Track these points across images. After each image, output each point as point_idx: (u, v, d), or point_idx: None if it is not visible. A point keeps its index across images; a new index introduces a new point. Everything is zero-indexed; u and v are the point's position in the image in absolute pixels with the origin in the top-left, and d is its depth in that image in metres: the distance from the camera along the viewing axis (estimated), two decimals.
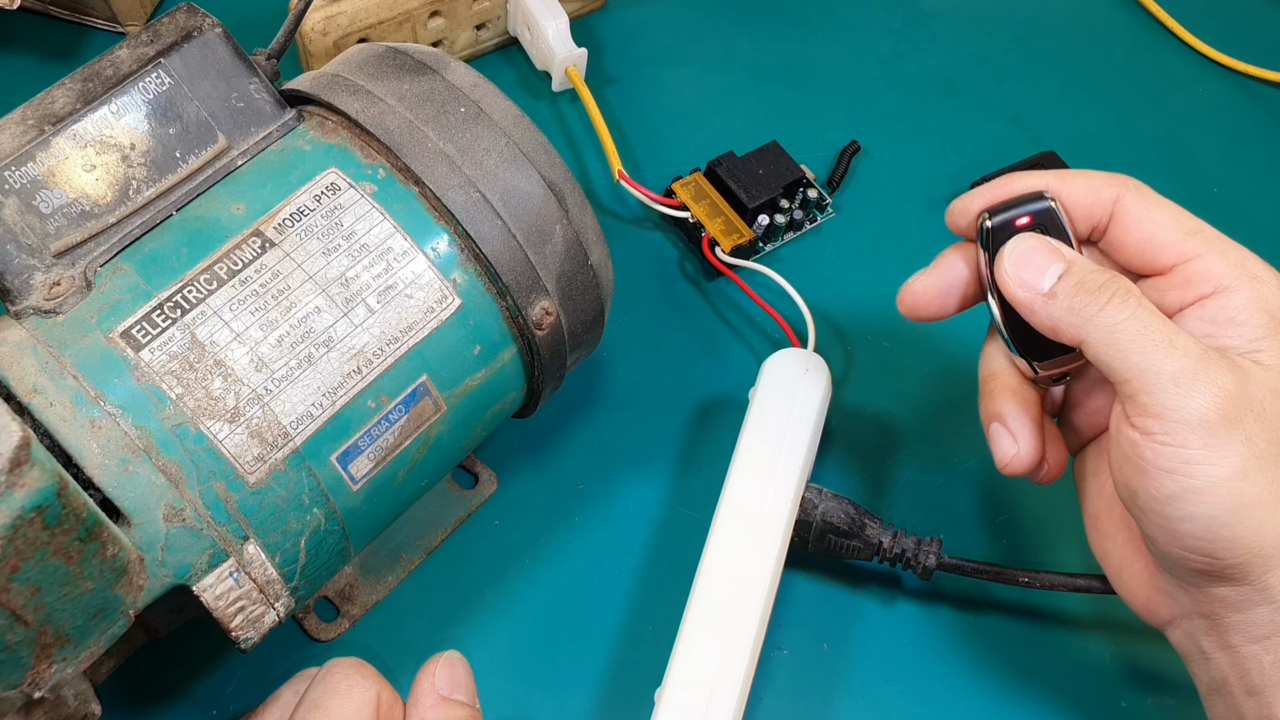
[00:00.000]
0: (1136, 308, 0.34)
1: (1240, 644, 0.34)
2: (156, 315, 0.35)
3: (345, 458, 0.36)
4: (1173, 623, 0.37)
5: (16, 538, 0.27)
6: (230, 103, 0.38)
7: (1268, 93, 0.64)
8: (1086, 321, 0.35)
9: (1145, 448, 0.33)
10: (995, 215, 0.38)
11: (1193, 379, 0.33)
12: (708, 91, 0.60)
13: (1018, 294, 0.36)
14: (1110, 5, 0.67)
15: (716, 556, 0.42)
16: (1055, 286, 0.36)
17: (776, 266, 0.52)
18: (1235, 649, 0.35)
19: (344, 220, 0.37)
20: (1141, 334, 0.34)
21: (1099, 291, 0.35)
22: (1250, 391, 0.33)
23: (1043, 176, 0.38)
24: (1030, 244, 0.37)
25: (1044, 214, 0.38)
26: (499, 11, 0.58)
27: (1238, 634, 0.34)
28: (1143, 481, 0.34)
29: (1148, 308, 0.34)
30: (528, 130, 0.40)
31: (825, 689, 0.44)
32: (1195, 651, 0.37)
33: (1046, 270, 0.36)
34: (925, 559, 0.44)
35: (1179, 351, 0.33)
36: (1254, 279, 0.35)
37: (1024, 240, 0.37)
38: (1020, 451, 0.38)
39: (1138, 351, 0.33)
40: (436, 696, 0.34)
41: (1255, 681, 0.34)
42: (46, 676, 0.30)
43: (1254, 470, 0.32)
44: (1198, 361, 0.33)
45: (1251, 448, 0.32)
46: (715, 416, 0.50)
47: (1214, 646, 0.35)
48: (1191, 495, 0.33)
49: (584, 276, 0.41)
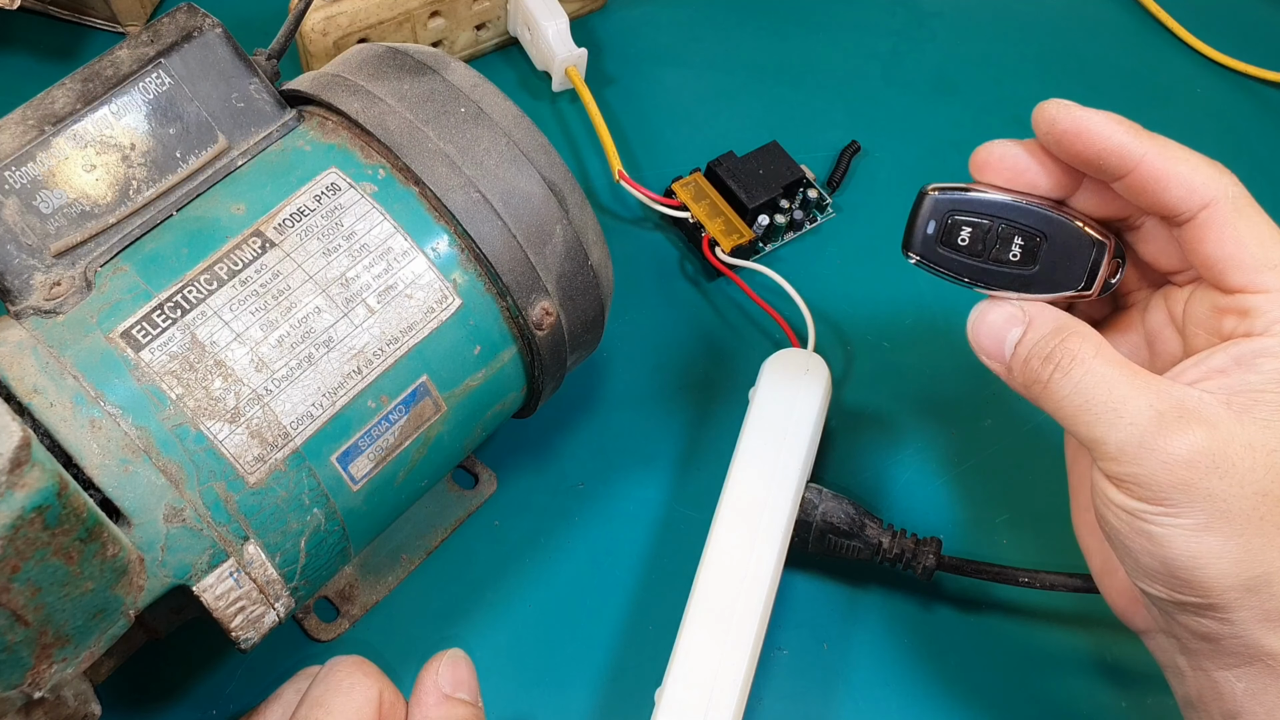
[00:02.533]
0: (1081, 378, 0.33)
1: (1212, 669, 0.34)
2: (157, 315, 0.35)
3: (345, 458, 0.36)
4: (1148, 634, 0.37)
5: (17, 538, 0.27)
6: (230, 103, 0.38)
7: (1268, 93, 0.64)
8: (1039, 398, 0.34)
9: (1108, 487, 0.33)
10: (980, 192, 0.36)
11: (1138, 448, 0.32)
12: (708, 91, 0.60)
13: (988, 364, 0.36)
14: (1110, 5, 0.67)
15: (716, 556, 0.42)
16: (1010, 359, 0.35)
17: (776, 266, 0.52)
18: (1207, 672, 0.34)
19: (344, 220, 0.37)
20: (1085, 407, 0.33)
21: (1044, 364, 0.34)
22: (1216, 448, 0.32)
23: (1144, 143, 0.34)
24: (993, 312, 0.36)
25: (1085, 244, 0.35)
26: (499, 11, 0.58)
27: (1208, 659, 0.34)
28: (1107, 513, 0.33)
29: (1096, 374, 0.33)
30: (528, 130, 0.40)
31: (825, 689, 0.44)
32: (1171, 666, 0.36)
33: (1005, 338, 0.35)
34: (925, 559, 0.44)
35: (1125, 421, 0.32)
36: None
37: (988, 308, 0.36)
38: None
39: (1084, 425, 0.33)
40: (439, 695, 0.34)
41: (1229, 706, 0.34)
42: (46, 676, 0.30)
43: (1217, 524, 0.32)
44: (1146, 430, 0.32)
45: (1214, 504, 0.31)
46: (715, 416, 0.50)
47: (1187, 666, 0.35)
48: (1148, 538, 0.32)
49: (584, 276, 0.41)
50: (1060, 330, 0.35)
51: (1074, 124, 0.35)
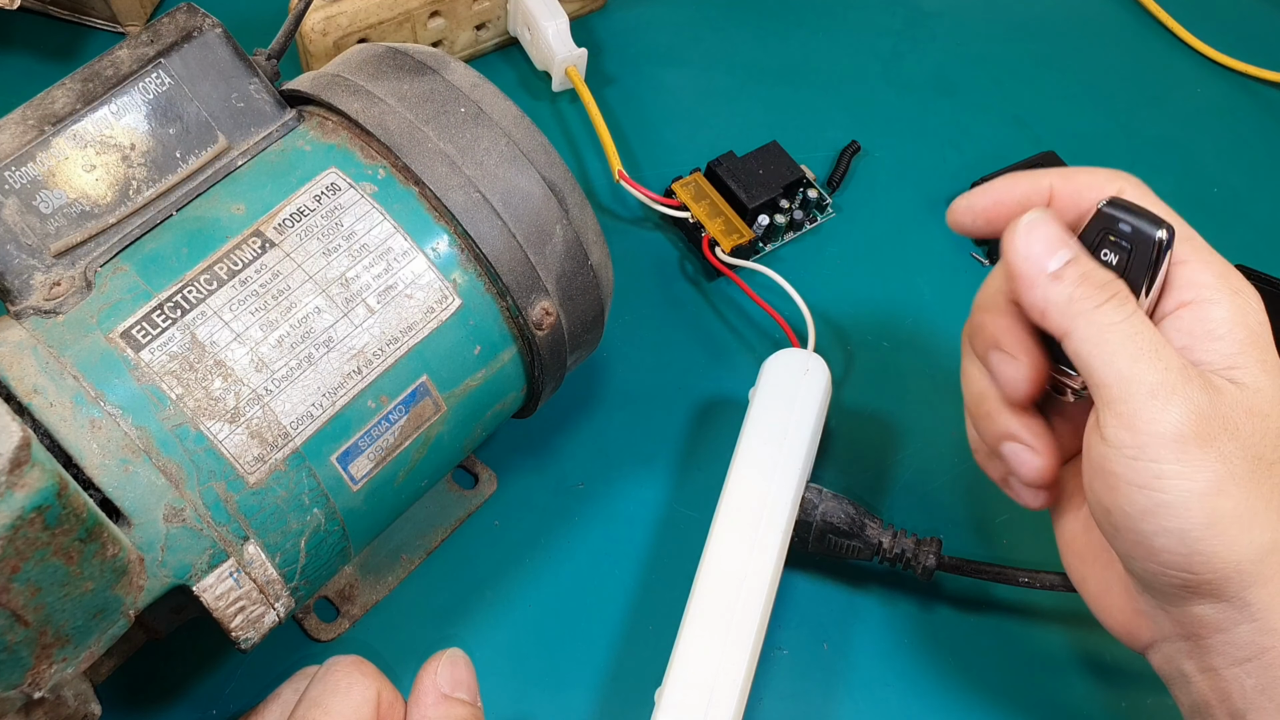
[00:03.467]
0: (1131, 313, 0.34)
1: (1222, 666, 0.34)
2: (156, 315, 0.35)
3: (345, 458, 0.36)
4: (1153, 646, 0.37)
5: (17, 538, 0.27)
6: (230, 103, 0.38)
7: (1268, 93, 0.64)
8: (1080, 315, 0.34)
9: (1117, 462, 0.33)
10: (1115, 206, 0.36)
11: (1170, 393, 0.32)
12: (708, 91, 0.60)
13: (1021, 266, 0.35)
14: (1110, 5, 0.67)
15: (716, 556, 0.42)
16: (1062, 270, 0.35)
17: (776, 266, 0.52)
18: (1217, 671, 0.34)
19: (344, 220, 0.37)
20: (1130, 340, 0.33)
21: (1102, 288, 0.34)
22: (1224, 411, 0.33)
23: (1045, 175, 0.38)
24: (1045, 220, 0.35)
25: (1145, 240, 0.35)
26: (499, 11, 0.58)
27: (1219, 655, 0.34)
28: (1114, 498, 0.33)
29: (1141, 316, 0.34)
30: (528, 130, 0.40)
31: (825, 689, 0.44)
32: (1176, 675, 0.36)
33: (1056, 250, 0.35)
34: (925, 559, 0.44)
35: (1162, 364, 0.33)
36: (1235, 293, 0.35)
37: (1039, 216, 0.36)
38: (1047, 461, 0.38)
39: (1124, 357, 0.33)
40: (438, 694, 0.34)
41: (1238, 705, 0.34)
42: (46, 676, 0.30)
43: (1228, 485, 0.32)
44: (1178, 376, 0.33)
45: (1226, 465, 0.32)
46: (715, 416, 0.50)
47: (1195, 669, 0.35)
48: (1164, 510, 0.32)
49: (584, 276, 0.41)
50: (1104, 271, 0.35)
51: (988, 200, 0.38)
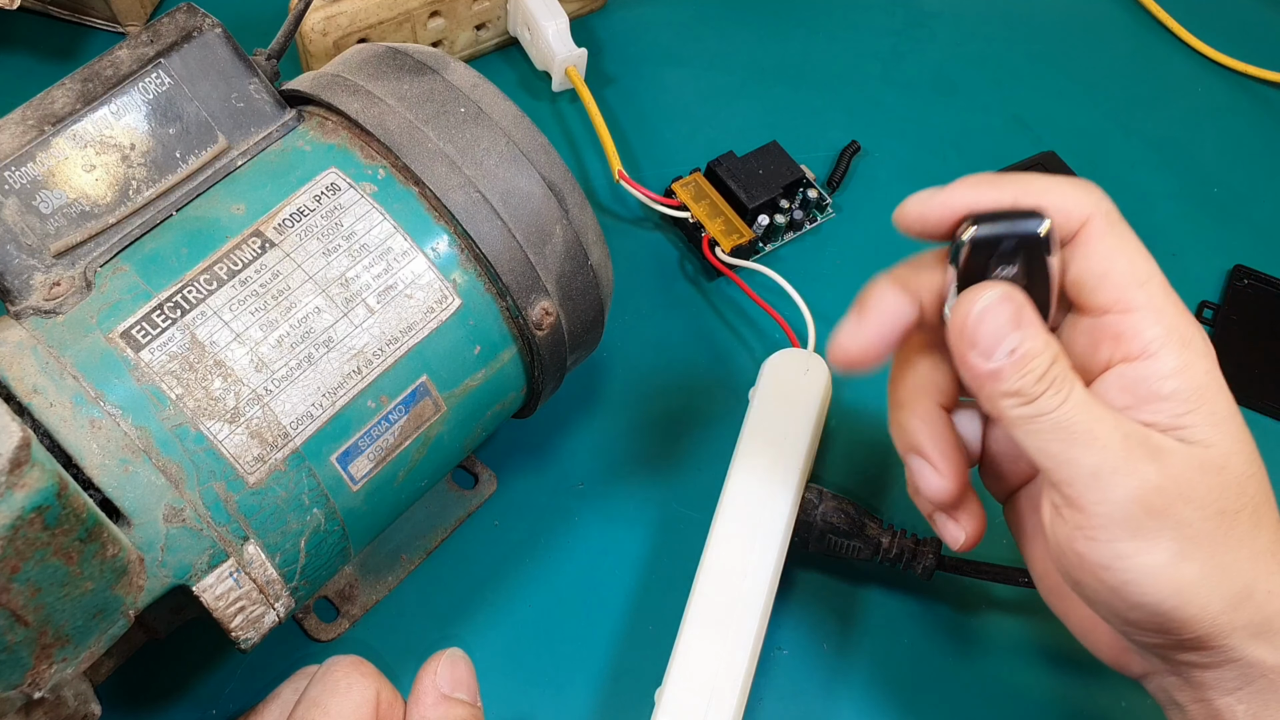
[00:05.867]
0: (1066, 397, 0.32)
1: (1214, 696, 0.34)
2: (156, 315, 0.35)
3: (345, 458, 0.36)
4: (1146, 678, 0.37)
5: (17, 538, 0.27)
6: (230, 103, 0.38)
7: (1268, 93, 0.64)
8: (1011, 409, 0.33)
9: (1079, 543, 0.32)
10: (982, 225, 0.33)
11: (1112, 473, 0.31)
12: (708, 91, 0.60)
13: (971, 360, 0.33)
14: (1110, 5, 0.67)
15: (717, 556, 0.42)
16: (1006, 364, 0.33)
17: (776, 266, 0.52)
18: (1209, 701, 0.34)
19: (344, 220, 0.37)
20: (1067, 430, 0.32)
21: (1039, 382, 0.32)
22: (1174, 475, 0.32)
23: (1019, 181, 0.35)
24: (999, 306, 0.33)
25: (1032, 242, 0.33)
26: (499, 11, 0.58)
27: (1210, 689, 0.34)
28: (1081, 575, 0.33)
29: (1079, 399, 0.32)
30: (528, 130, 0.40)
31: (825, 689, 0.44)
32: (1170, 703, 0.36)
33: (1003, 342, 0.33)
34: (925, 559, 0.44)
35: (1099, 445, 0.32)
36: (1184, 345, 0.33)
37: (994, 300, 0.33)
38: (947, 485, 0.37)
39: (1058, 448, 0.32)
40: (438, 694, 0.34)
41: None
42: (46, 677, 0.30)
43: (1190, 550, 0.32)
44: (1119, 454, 0.32)
45: (1184, 530, 0.32)
46: (715, 417, 0.50)
47: (1188, 700, 0.35)
48: (1130, 587, 0.32)
49: (584, 276, 0.41)
50: (1050, 346, 0.33)
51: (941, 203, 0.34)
